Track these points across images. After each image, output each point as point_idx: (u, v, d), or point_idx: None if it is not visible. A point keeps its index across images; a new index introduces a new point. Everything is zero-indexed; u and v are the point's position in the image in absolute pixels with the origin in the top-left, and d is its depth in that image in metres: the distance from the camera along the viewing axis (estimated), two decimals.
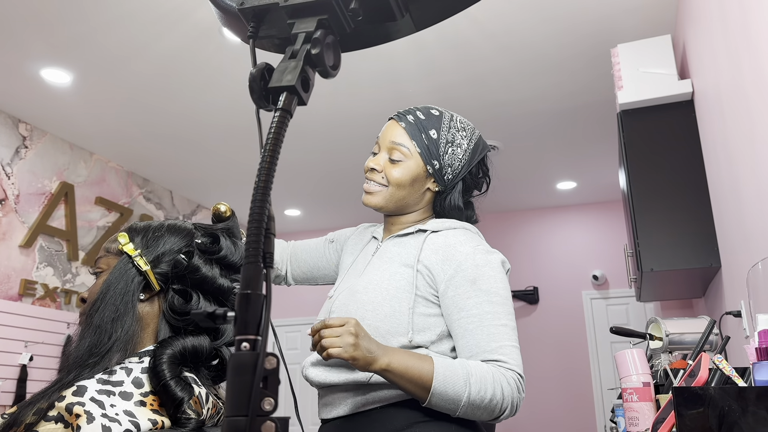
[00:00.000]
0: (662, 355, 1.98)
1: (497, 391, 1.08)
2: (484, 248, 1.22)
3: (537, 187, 5.44)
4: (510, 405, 1.10)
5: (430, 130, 1.26)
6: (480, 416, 1.10)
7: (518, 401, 1.11)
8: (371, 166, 1.28)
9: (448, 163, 1.26)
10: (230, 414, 0.45)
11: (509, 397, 1.09)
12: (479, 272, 1.17)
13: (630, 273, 3.42)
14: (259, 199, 0.50)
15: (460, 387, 1.05)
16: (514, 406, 1.11)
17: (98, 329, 0.97)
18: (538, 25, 3.21)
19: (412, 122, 1.26)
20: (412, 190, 1.27)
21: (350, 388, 1.15)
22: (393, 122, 1.29)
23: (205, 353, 1.02)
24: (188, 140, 4.50)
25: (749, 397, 0.89)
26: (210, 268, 1.06)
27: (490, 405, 1.07)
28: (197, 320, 0.50)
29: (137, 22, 3.17)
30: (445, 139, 1.26)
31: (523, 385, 1.12)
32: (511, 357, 1.12)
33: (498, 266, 1.20)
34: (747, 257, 1.97)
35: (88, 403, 0.86)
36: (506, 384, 1.09)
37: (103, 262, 1.08)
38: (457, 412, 1.07)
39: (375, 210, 1.30)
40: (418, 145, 1.25)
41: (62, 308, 4.31)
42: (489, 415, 1.09)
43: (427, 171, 1.26)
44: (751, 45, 1.68)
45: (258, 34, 0.66)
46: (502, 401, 1.08)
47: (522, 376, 1.12)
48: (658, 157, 2.79)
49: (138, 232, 1.08)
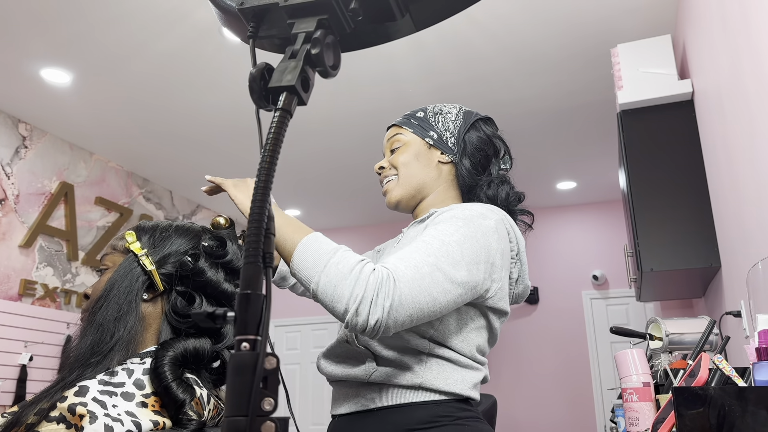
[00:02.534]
0: (662, 355, 1.99)
1: (354, 270, 0.94)
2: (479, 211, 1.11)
3: (537, 187, 5.44)
4: (362, 296, 0.91)
5: (417, 114, 1.34)
6: (327, 301, 0.95)
7: (375, 298, 0.92)
8: (378, 167, 1.33)
9: (443, 128, 1.30)
10: (230, 414, 0.45)
11: (363, 284, 0.92)
12: (447, 218, 1.09)
13: (630, 273, 3.42)
14: (259, 199, 0.50)
15: (323, 255, 0.96)
16: (369, 300, 0.91)
17: (101, 327, 0.97)
18: (538, 25, 3.21)
19: (400, 118, 1.36)
20: (420, 165, 1.28)
21: (353, 386, 1.14)
22: (388, 130, 1.39)
23: (207, 355, 1.02)
24: (188, 140, 4.50)
25: (749, 397, 0.89)
26: (215, 271, 1.06)
27: (341, 285, 0.93)
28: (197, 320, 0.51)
29: (137, 22, 3.17)
30: (432, 113, 1.33)
31: (392, 290, 0.93)
32: (395, 262, 0.98)
33: (474, 220, 1.08)
34: (747, 257, 1.97)
35: (90, 403, 0.86)
36: (368, 270, 0.94)
37: (108, 259, 1.08)
38: (311, 285, 0.97)
39: (399, 209, 1.31)
40: (409, 127, 1.32)
41: (62, 308, 4.31)
42: (336, 302, 0.94)
43: (427, 144, 1.29)
44: (751, 45, 1.68)
45: (258, 34, 0.66)
46: (354, 285, 0.92)
47: (396, 283, 0.93)
48: (658, 157, 2.79)
49: (146, 232, 1.08)
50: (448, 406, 1.08)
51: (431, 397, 1.08)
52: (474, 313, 1.13)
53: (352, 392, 1.13)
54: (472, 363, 1.13)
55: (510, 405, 5.48)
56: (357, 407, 1.12)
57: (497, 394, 5.07)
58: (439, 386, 1.08)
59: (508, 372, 5.66)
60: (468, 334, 1.12)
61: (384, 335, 0.96)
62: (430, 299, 0.97)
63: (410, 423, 1.06)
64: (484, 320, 1.15)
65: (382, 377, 1.09)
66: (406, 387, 1.09)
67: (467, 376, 1.12)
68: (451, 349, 1.11)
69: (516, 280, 1.22)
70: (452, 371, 1.10)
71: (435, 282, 0.98)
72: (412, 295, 0.95)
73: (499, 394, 5.24)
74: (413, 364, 1.08)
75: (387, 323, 0.93)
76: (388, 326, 0.94)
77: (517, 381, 5.60)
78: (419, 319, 0.98)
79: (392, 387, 1.09)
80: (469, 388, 1.11)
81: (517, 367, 5.65)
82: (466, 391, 1.10)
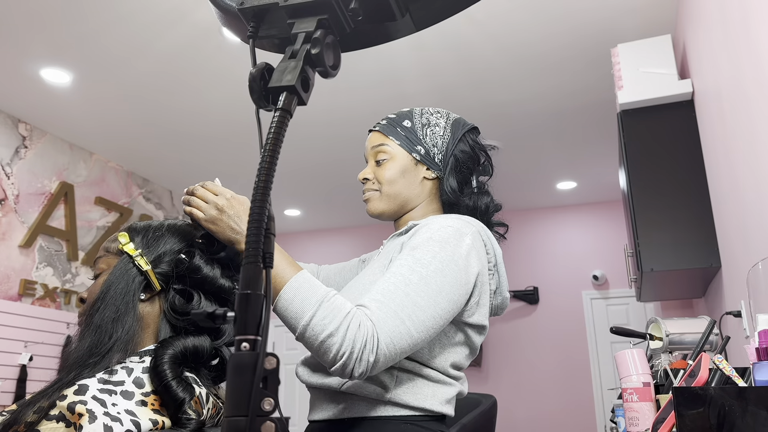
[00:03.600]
0: (662, 355, 1.98)
1: (341, 328, 0.93)
2: (455, 227, 1.10)
3: (537, 187, 5.44)
4: (349, 353, 0.92)
5: (403, 122, 1.28)
6: (314, 350, 0.96)
7: (360, 355, 0.93)
8: (362, 177, 1.29)
9: (431, 143, 1.25)
10: (230, 414, 0.45)
11: (350, 343, 0.92)
12: (424, 240, 1.08)
13: (630, 273, 3.42)
14: (259, 199, 0.50)
15: (307, 306, 0.94)
16: (354, 358, 0.93)
17: (99, 329, 0.97)
18: (538, 25, 3.21)
19: (384, 124, 1.29)
20: (406, 182, 1.25)
21: (327, 394, 1.13)
22: (371, 133, 1.32)
23: (206, 353, 1.02)
24: (188, 140, 4.50)
25: (749, 397, 0.89)
26: (211, 268, 1.06)
27: (328, 341, 0.93)
28: (197, 320, 0.50)
29: (137, 22, 3.17)
30: (419, 123, 1.27)
31: (376, 346, 0.94)
32: (376, 310, 0.97)
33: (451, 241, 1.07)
34: (747, 257, 1.97)
35: (90, 402, 0.86)
36: (355, 326, 0.93)
37: (103, 262, 1.07)
38: (296, 332, 0.96)
39: (381, 219, 1.28)
40: (396, 138, 1.26)
41: (62, 308, 4.31)
42: (322, 354, 0.94)
43: (414, 159, 1.25)
44: (751, 45, 1.68)
45: (258, 34, 0.66)
46: (342, 343, 0.92)
47: (379, 338, 0.94)
48: (658, 157, 2.79)
49: (138, 232, 1.08)
50: (416, 422, 1.07)
51: (400, 412, 1.07)
52: (451, 330, 1.12)
53: (327, 400, 1.13)
54: (445, 378, 1.11)
55: (510, 405, 5.48)
56: (329, 415, 1.11)
57: (497, 394, 5.06)
58: (408, 401, 1.07)
59: (508, 372, 5.66)
60: (443, 350, 1.11)
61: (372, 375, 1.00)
62: (412, 341, 0.99)
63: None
64: (462, 336, 1.14)
65: (354, 389, 1.08)
66: (375, 400, 1.08)
67: (439, 391, 1.10)
68: (425, 365, 1.10)
69: (494, 291, 1.21)
70: (423, 386, 1.09)
71: (416, 323, 0.99)
72: (395, 344, 0.96)
73: (499, 394, 5.24)
74: (384, 378, 1.07)
75: (373, 371, 0.96)
76: (372, 372, 0.97)
77: (517, 381, 5.60)
78: (406, 354, 1.01)
79: (363, 399, 1.08)
80: (441, 403, 1.10)
81: (517, 367, 5.65)
82: (437, 407, 1.09)
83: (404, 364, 1.08)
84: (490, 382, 5.67)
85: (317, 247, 6.56)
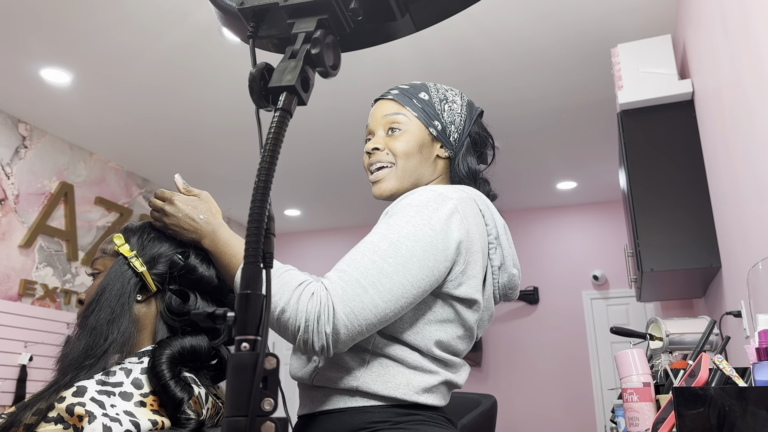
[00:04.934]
0: (662, 356, 1.98)
1: (291, 301, 0.88)
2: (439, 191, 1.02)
3: (537, 187, 5.44)
4: (304, 327, 0.88)
5: (419, 93, 1.17)
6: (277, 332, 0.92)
7: (315, 326, 0.87)
8: (372, 147, 1.15)
9: (449, 120, 1.16)
10: (230, 414, 0.45)
11: (303, 315, 0.87)
12: (402, 206, 1.00)
13: (630, 273, 3.42)
14: (258, 199, 0.50)
15: None
16: (311, 330, 0.87)
17: (94, 331, 0.97)
18: (538, 25, 3.21)
19: (398, 93, 1.18)
20: (422, 158, 1.14)
21: (306, 388, 1.05)
22: (380, 101, 1.20)
23: (204, 353, 1.02)
24: (188, 140, 4.50)
25: (749, 397, 0.89)
26: (207, 267, 1.06)
27: (282, 317, 0.89)
28: (197, 321, 0.50)
29: (137, 22, 3.17)
30: (437, 98, 1.17)
31: (332, 316, 0.88)
32: (336, 279, 0.91)
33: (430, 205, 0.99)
34: (747, 257, 1.97)
35: (88, 403, 0.86)
36: (306, 297, 0.88)
37: (99, 263, 1.07)
38: None
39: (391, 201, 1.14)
40: (413, 109, 1.15)
41: (62, 308, 4.31)
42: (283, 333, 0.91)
43: (431, 134, 1.15)
44: (751, 45, 1.68)
45: (258, 34, 0.66)
46: (295, 316, 0.88)
47: (335, 308, 0.88)
48: (658, 157, 2.79)
49: (134, 233, 1.08)
50: (385, 411, 0.97)
51: (367, 402, 0.97)
52: (435, 304, 1.01)
53: (305, 394, 1.06)
54: (426, 363, 1.00)
55: (510, 405, 5.48)
56: (306, 410, 1.05)
57: (497, 394, 5.06)
58: (376, 390, 0.97)
59: (508, 372, 5.66)
60: (427, 325, 1.00)
61: (340, 351, 0.92)
62: (378, 311, 0.90)
63: (343, 429, 0.97)
64: (451, 311, 1.02)
65: (323, 380, 1.00)
66: (343, 391, 0.99)
67: (415, 379, 0.99)
68: (404, 343, 1.00)
69: (499, 267, 1.10)
70: (396, 373, 0.98)
71: (381, 291, 0.90)
72: (356, 314, 0.89)
73: (499, 394, 5.24)
74: (353, 364, 0.98)
75: (336, 345, 0.89)
76: (337, 347, 0.90)
77: (517, 381, 5.60)
78: (375, 328, 0.92)
79: (331, 390, 1.00)
80: (415, 392, 0.98)
81: (517, 367, 5.65)
82: (410, 396, 0.97)
83: (379, 344, 0.99)
84: (490, 382, 5.67)
85: (317, 247, 6.56)
